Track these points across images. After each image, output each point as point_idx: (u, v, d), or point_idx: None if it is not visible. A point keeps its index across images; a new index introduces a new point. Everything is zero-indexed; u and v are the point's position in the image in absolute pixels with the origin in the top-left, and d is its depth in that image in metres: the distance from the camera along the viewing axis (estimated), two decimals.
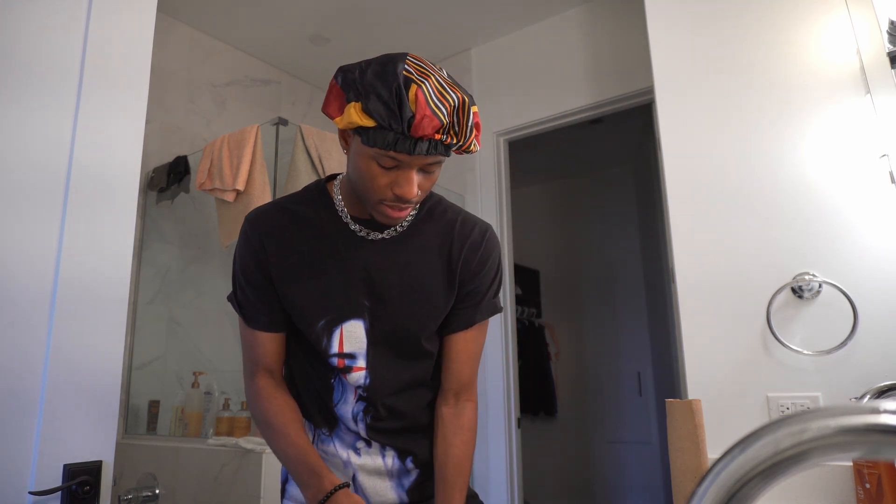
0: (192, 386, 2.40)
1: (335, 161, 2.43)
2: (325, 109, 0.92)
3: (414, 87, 0.83)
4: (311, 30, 2.99)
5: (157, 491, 2.11)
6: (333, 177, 1.08)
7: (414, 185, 0.89)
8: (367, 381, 1.02)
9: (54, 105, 1.12)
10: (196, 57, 2.95)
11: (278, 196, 2.36)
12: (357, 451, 1.05)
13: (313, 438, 1.08)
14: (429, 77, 0.85)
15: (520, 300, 4.36)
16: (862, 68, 1.39)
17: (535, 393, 4.28)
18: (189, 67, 2.91)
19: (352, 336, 1.01)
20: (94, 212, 1.15)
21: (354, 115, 0.85)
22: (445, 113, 0.84)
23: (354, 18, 2.89)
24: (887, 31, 1.33)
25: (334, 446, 1.05)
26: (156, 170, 2.68)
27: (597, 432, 4.30)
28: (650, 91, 1.87)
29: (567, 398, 4.46)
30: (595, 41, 2.75)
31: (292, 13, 2.85)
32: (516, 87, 2.94)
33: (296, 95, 3.42)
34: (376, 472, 1.05)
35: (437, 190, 1.15)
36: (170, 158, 2.68)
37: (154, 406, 2.49)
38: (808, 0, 1.50)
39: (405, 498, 1.07)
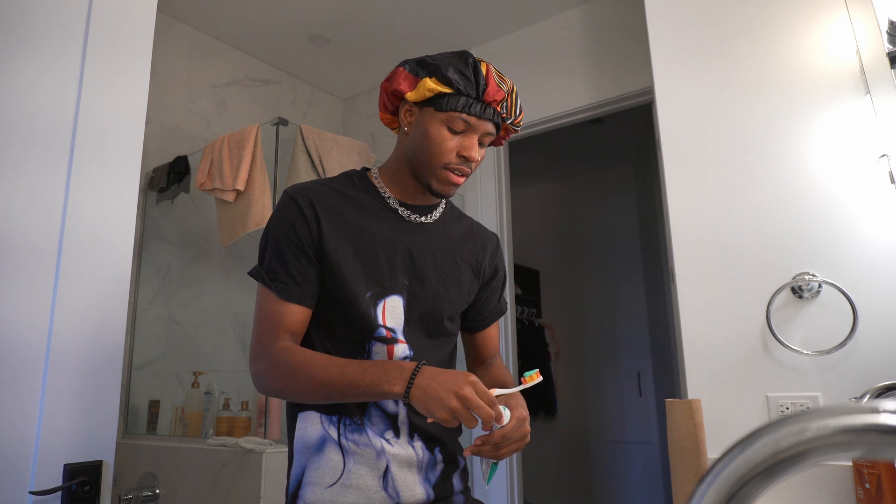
0: (192, 386, 2.40)
1: (335, 161, 2.43)
2: (395, 87, 1.05)
3: (484, 64, 1.03)
4: (311, 30, 2.99)
5: (157, 491, 2.11)
6: (366, 169, 1.17)
7: (477, 148, 1.04)
8: (412, 353, 1.06)
9: (54, 109, 1.12)
10: (196, 57, 2.95)
11: (279, 197, 2.37)
12: (388, 441, 1.03)
13: (341, 430, 1.03)
14: (489, 63, 1.05)
15: (520, 300, 4.36)
16: (862, 69, 1.39)
17: (535, 393, 4.28)
18: (189, 67, 2.91)
19: (393, 311, 1.06)
20: (93, 213, 1.15)
21: (431, 83, 1.01)
22: (506, 90, 1.04)
23: (354, 18, 2.89)
24: (887, 32, 1.33)
25: (367, 436, 1.03)
26: (156, 170, 2.68)
27: (597, 432, 4.30)
28: (650, 91, 1.88)
29: (567, 398, 4.46)
30: (595, 41, 2.76)
31: (292, 13, 2.85)
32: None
33: (296, 95, 3.42)
34: (407, 463, 1.03)
35: None
36: (170, 158, 2.68)
37: (154, 406, 2.49)
38: (807, 0, 1.50)
39: (431, 493, 1.06)
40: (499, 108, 1.04)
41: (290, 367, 0.97)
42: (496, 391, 0.93)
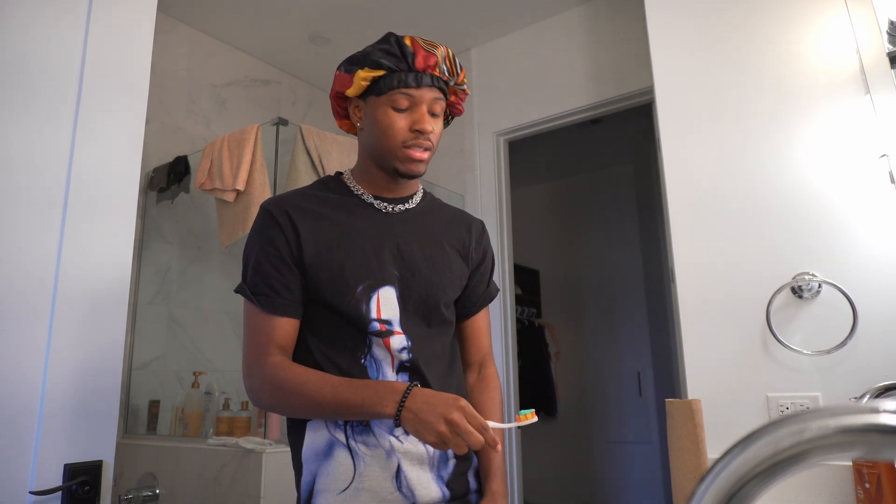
0: (192, 386, 2.40)
1: (335, 161, 2.43)
2: (335, 89, 1.09)
3: (408, 38, 1.04)
4: (311, 30, 2.99)
5: (157, 491, 2.11)
6: (339, 174, 1.17)
7: (428, 119, 1.05)
8: (410, 343, 1.05)
9: (54, 109, 1.12)
10: (196, 57, 2.95)
11: None
12: (398, 438, 1.01)
13: (349, 432, 1.02)
14: (415, 36, 1.06)
15: (520, 300, 4.36)
16: (862, 68, 1.39)
17: (535, 393, 4.28)
18: (189, 67, 2.91)
19: (387, 302, 1.05)
20: (93, 213, 1.15)
21: (364, 73, 1.04)
22: (438, 53, 1.05)
23: (354, 18, 2.89)
24: (887, 31, 1.33)
25: (375, 435, 1.01)
26: (156, 170, 2.68)
27: (597, 432, 4.30)
28: (650, 91, 1.88)
29: (567, 398, 4.46)
30: (595, 41, 2.75)
31: (292, 13, 2.85)
32: (516, 87, 2.94)
33: (296, 95, 3.42)
34: (418, 461, 1.01)
35: (437, 190, 1.22)
36: (170, 158, 2.68)
37: (154, 406, 2.49)
38: (807, 0, 1.50)
39: (447, 492, 1.04)
40: (437, 73, 1.05)
41: (283, 385, 0.98)
42: (489, 424, 0.90)
